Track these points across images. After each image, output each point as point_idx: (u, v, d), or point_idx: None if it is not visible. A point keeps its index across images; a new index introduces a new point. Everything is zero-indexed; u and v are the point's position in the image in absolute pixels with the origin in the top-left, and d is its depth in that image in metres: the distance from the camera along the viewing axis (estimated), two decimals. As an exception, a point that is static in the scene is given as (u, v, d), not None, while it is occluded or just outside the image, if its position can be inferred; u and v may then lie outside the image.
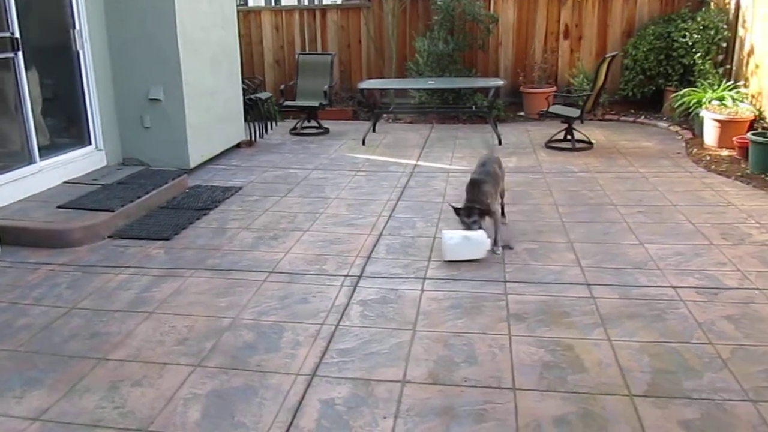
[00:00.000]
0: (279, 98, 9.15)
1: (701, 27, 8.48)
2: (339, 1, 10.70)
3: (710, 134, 7.41)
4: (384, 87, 9.77)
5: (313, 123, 9.05)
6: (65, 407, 2.79)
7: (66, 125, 6.32)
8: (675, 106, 8.13)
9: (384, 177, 6.58)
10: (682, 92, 8.09)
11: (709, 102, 7.61)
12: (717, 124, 7.29)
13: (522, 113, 9.78)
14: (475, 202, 4.40)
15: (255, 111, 8.44)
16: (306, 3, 10.61)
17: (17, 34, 5.30)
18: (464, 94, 9.48)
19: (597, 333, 3.33)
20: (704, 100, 7.67)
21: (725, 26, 8.38)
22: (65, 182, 5.83)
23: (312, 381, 2.96)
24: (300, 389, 2.90)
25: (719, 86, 7.82)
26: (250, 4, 10.69)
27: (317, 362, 3.12)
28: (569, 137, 7.69)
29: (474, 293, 3.83)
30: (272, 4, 10.73)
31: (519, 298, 3.75)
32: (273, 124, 9.01)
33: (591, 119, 8.73)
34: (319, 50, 10.44)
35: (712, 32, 8.39)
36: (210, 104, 7.04)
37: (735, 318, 3.45)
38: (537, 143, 7.97)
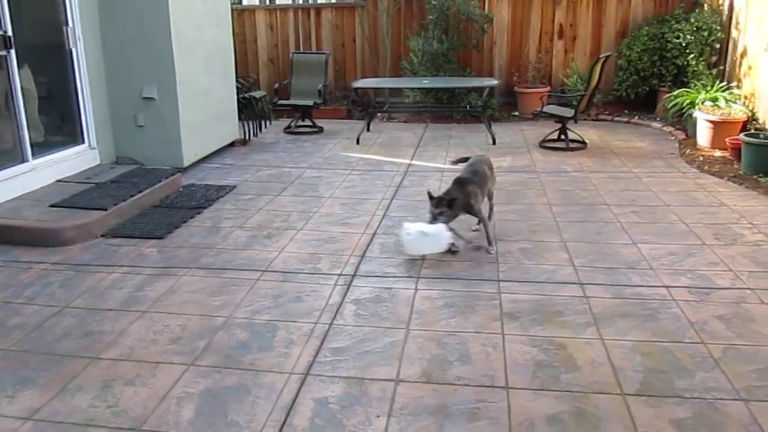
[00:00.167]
0: (273, 97, 9.14)
1: (695, 28, 8.51)
2: (333, 0, 10.69)
3: (703, 135, 7.45)
4: (378, 86, 9.79)
5: (308, 122, 9.05)
6: (58, 406, 2.78)
7: (59, 123, 6.29)
8: (668, 107, 8.16)
9: (378, 176, 6.58)
10: (676, 93, 8.12)
11: (703, 103, 7.64)
12: (710, 125, 7.33)
13: (516, 113, 9.80)
14: (450, 195, 4.34)
15: (249, 110, 8.44)
16: (300, 2, 10.58)
17: (10, 32, 5.27)
18: (459, 94, 9.50)
19: (590, 332, 3.34)
20: (697, 101, 7.70)
21: (719, 27, 8.42)
22: (58, 181, 5.80)
23: (305, 380, 2.96)
24: (293, 388, 2.90)
25: (712, 87, 7.86)
26: (245, 3, 10.67)
27: (311, 361, 3.12)
28: (563, 137, 7.72)
29: (468, 292, 3.84)
30: (266, 3, 10.71)
31: (512, 297, 3.76)
32: (267, 123, 9.01)
33: (585, 119, 8.75)
34: (314, 49, 10.42)
35: (706, 33, 8.42)
36: (204, 103, 7.03)
37: (727, 318, 3.47)
38: (531, 143, 7.98)
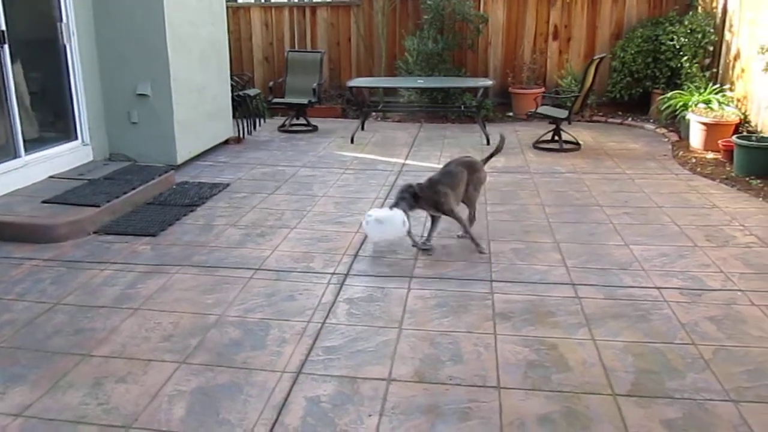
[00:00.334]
0: (268, 95, 9.12)
1: (689, 30, 8.55)
2: (329, -1, 10.69)
3: (696, 137, 7.48)
4: (373, 85, 9.79)
5: (302, 120, 9.04)
6: (48, 403, 2.77)
7: (52, 119, 6.26)
8: (662, 109, 8.20)
9: (372, 175, 6.58)
10: (669, 95, 8.16)
11: (696, 105, 7.68)
12: (703, 127, 7.36)
13: (510, 113, 9.82)
14: (413, 188, 4.46)
15: (243, 108, 8.42)
16: (296, 0, 10.57)
17: (3, 27, 5.25)
18: (453, 94, 9.51)
19: (581, 333, 3.36)
20: (691, 103, 7.74)
21: (712, 30, 8.46)
22: (51, 177, 5.77)
23: (297, 378, 2.96)
24: (285, 386, 2.89)
25: (705, 89, 7.90)
26: (240, 1, 10.64)
27: (303, 360, 3.12)
28: (557, 138, 7.73)
29: (460, 292, 3.85)
30: (262, 1, 10.67)
31: (505, 298, 3.77)
32: (261, 121, 9.00)
33: (579, 120, 8.78)
34: (309, 48, 10.41)
35: (700, 36, 8.46)
36: (198, 100, 7.01)
37: (718, 319, 3.48)
38: (525, 144, 8.00)
